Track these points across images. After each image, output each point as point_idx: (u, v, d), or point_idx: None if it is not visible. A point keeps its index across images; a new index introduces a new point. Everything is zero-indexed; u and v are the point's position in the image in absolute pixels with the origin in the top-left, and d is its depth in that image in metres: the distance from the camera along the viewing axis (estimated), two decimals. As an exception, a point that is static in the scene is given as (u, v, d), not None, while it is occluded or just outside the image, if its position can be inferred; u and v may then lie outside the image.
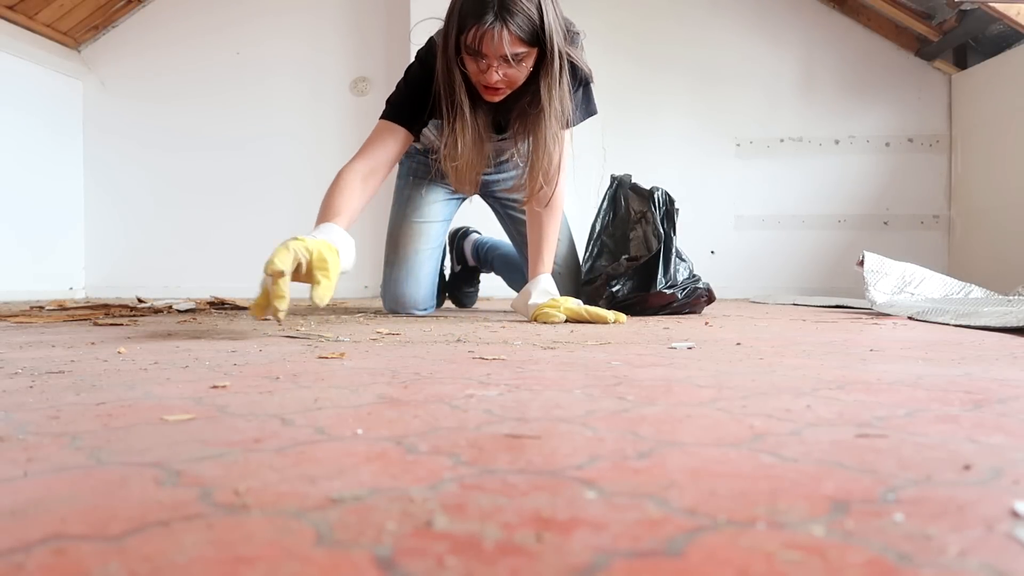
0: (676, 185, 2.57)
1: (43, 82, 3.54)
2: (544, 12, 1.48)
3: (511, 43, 1.46)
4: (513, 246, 2.14)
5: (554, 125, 1.60)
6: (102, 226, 3.80)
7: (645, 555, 0.29)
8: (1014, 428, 0.52)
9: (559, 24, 1.54)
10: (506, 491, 0.37)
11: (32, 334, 1.36)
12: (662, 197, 2.02)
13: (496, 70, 1.50)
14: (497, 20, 1.45)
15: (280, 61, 3.69)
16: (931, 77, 3.48)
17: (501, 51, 1.46)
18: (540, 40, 1.50)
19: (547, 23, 1.49)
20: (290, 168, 3.68)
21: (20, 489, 0.38)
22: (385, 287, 2.01)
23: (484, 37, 1.46)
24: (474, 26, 1.46)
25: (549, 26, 1.50)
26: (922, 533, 0.31)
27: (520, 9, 1.45)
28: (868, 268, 2.08)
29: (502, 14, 1.44)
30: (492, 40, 1.46)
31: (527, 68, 1.54)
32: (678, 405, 0.61)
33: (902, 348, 1.08)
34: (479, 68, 1.52)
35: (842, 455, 0.44)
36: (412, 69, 1.69)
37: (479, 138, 1.64)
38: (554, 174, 1.65)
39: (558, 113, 1.59)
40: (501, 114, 1.71)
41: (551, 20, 1.50)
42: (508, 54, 1.47)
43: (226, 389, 0.69)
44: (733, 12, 3.57)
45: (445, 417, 0.56)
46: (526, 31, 1.47)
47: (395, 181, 2.07)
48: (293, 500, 0.35)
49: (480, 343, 1.15)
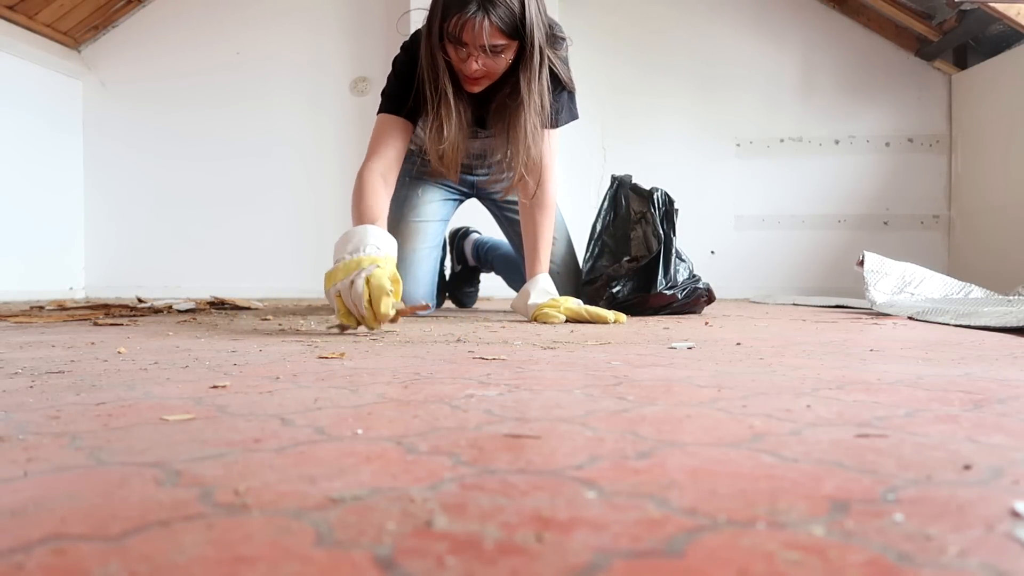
0: (676, 185, 2.57)
1: (43, 82, 3.54)
2: (526, 6, 1.52)
3: (491, 34, 1.50)
4: (512, 247, 2.15)
5: (533, 118, 1.63)
6: (102, 226, 3.80)
7: (645, 555, 0.29)
8: (1014, 428, 0.52)
9: (541, 21, 1.57)
10: (506, 491, 0.37)
11: (32, 334, 1.36)
12: (662, 198, 2.02)
13: (476, 60, 1.53)
14: (480, 10, 1.47)
15: (280, 61, 3.69)
16: (931, 77, 3.48)
17: (481, 41, 1.50)
18: (520, 33, 1.54)
19: (528, 17, 1.52)
20: (290, 167, 3.68)
21: (20, 489, 0.38)
22: None
23: (465, 26, 1.49)
24: (456, 15, 1.49)
25: (530, 20, 1.53)
26: (922, 533, 0.31)
27: (502, 1, 1.48)
28: (868, 268, 2.08)
29: (485, 4, 1.47)
30: (473, 29, 1.49)
31: (506, 60, 1.57)
32: (678, 405, 0.61)
33: (902, 348, 1.08)
34: (459, 57, 1.56)
35: (842, 455, 0.44)
36: (399, 59, 1.73)
37: (462, 123, 1.67)
38: (534, 167, 1.68)
39: (537, 107, 1.63)
40: (482, 107, 1.74)
41: (532, 15, 1.53)
42: (487, 44, 1.50)
43: (226, 389, 0.69)
44: (733, 12, 3.57)
45: (445, 417, 0.56)
46: (507, 23, 1.50)
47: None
48: (293, 500, 0.35)
49: (480, 343, 1.15)
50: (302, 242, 3.65)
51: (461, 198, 2.10)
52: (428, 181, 2.01)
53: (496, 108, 1.70)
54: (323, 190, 3.64)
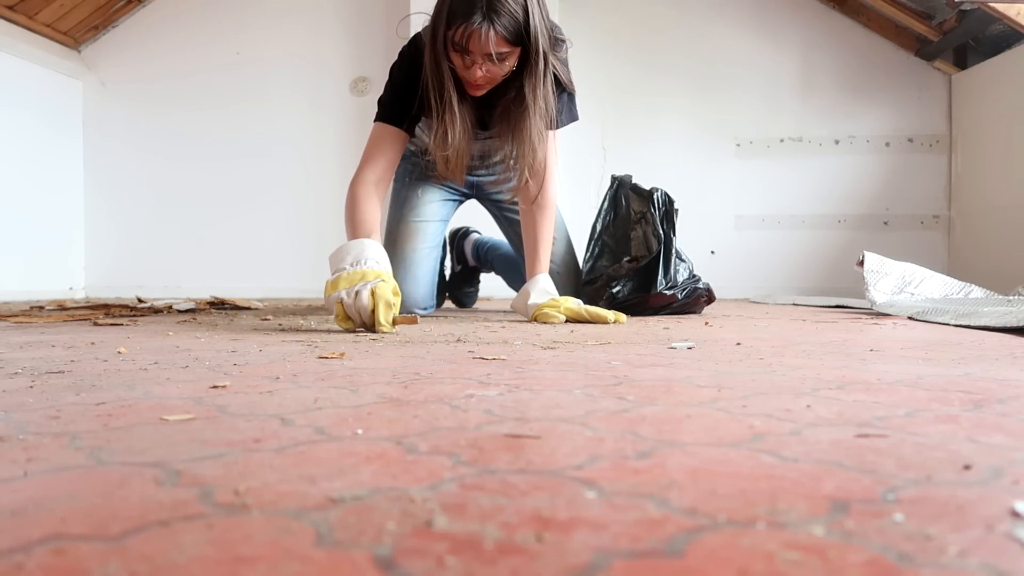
0: (676, 185, 2.57)
1: (43, 82, 3.54)
2: (530, 13, 1.52)
3: (496, 43, 1.51)
4: (512, 247, 2.15)
5: (538, 122, 1.65)
6: (102, 226, 3.80)
7: (645, 555, 0.29)
8: (1014, 428, 0.52)
9: (544, 27, 1.58)
10: (506, 491, 0.37)
11: (32, 334, 1.36)
12: (661, 198, 2.02)
13: (480, 67, 1.55)
14: (485, 20, 1.48)
15: (280, 61, 3.69)
16: (931, 77, 3.48)
17: (487, 49, 1.51)
18: (524, 40, 1.55)
19: (532, 24, 1.53)
20: (290, 167, 3.68)
21: (20, 489, 0.38)
22: None
23: (471, 36, 1.50)
24: (462, 24, 1.49)
25: (534, 27, 1.53)
26: (922, 533, 0.31)
27: (507, 10, 1.49)
28: (868, 268, 2.08)
29: (489, 14, 1.48)
30: (479, 39, 1.50)
31: (510, 66, 1.59)
32: (678, 405, 0.61)
33: (902, 348, 1.08)
34: (464, 64, 1.57)
35: (842, 455, 0.44)
36: (397, 67, 1.73)
37: (467, 127, 1.69)
38: (539, 169, 1.70)
39: (542, 111, 1.65)
40: (485, 111, 1.75)
41: (536, 21, 1.54)
42: (493, 53, 1.51)
43: (226, 389, 0.69)
44: (733, 12, 3.57)
45: (445, 417, 0.56)
46: (511, 31, 1.51)
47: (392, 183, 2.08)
48: (293, 500, 0.35)
49: (480, 343, 1.15)
50: (302, 242, 3.65)
51: (461, 199, 2.11)
52: (428, 182, 2.02)
53: (501, 113, 1.71)
54: (323, 190, 3.64)
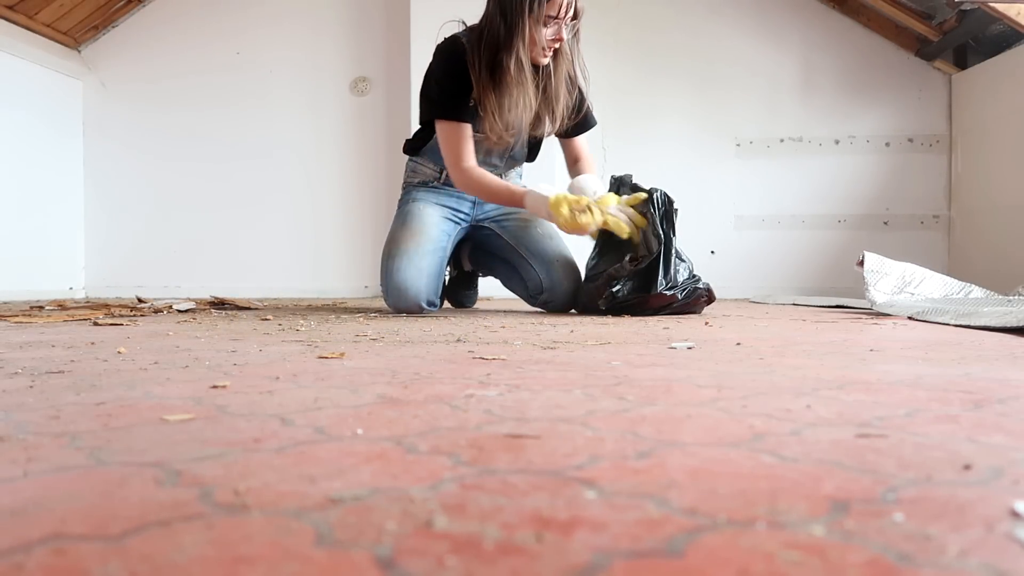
0: (676, 185, 2.57)
1: (43, 82, 3.54)
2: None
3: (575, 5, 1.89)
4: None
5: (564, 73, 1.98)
6: (102, 226, 3.80)
7: (645, 555, 0.29)
8: (1014, 428, 0.52)
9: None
10: (506, 491, 0.37)
11: (32, 334, 1.36)
12: (661, 198, 2.01)
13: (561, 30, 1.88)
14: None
15: (280, 61, 3.69)
16: (931, 77, 3.47)
17: (570, 12, 1.87)
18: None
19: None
20: (290, 167, 3.68)
21: (20, 489, 0.38)
22: (387, 280, 1.99)
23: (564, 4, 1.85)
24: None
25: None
26: (922, 533, 0.31)
27: None
28: (868, 268, 2.08)
29: None
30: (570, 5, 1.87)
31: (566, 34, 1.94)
32: (678, 405, 0.61)
33: (902, 348, 1.08)
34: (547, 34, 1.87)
35: (842, 455, 0.44)
36: (441, 66, 1.96)
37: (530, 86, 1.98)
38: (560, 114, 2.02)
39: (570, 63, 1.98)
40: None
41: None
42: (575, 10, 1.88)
43: (226, 389, 0.69)
44: (733, 12, 3.57)
45: (445, 417, 0.56)
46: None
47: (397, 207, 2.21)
48: (293, 500, 0.35)
49: (480, 343, 1.15)
50: (301, 242, 3.65)
51: (460, 222, 2.13)
52: (430, 205, 2.10)
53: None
54: (323, 189, 3.64)
